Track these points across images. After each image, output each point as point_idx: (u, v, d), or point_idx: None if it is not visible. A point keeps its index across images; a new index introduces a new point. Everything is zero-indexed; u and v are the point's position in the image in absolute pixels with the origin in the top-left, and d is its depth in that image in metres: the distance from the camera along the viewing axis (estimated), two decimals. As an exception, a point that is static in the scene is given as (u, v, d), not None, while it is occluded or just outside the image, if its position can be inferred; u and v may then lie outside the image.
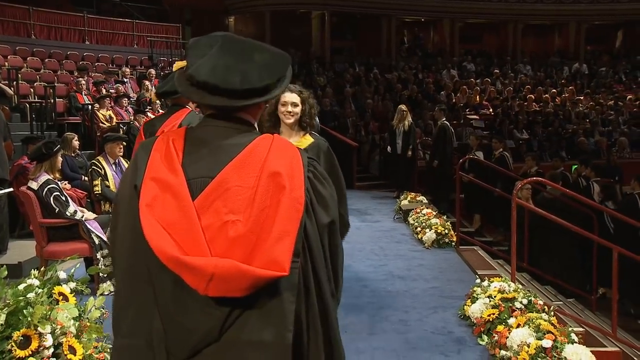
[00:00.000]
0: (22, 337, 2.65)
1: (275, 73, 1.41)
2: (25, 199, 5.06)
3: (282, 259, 1.28)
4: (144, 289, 1.34)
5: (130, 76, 13.78)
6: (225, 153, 1.37)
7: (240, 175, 1.33)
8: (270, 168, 1.34)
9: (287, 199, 1.32)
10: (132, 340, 1.36)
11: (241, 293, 1.27)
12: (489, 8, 22.47)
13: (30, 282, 2.99)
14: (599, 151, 13.92)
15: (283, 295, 1.32)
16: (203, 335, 1.30)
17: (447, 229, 6.97)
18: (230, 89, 1.35)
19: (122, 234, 1.41)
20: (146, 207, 1.31)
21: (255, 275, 1.26)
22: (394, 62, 20.49)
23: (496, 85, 18.67)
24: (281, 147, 1.39)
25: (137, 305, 1.36)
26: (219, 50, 1.38)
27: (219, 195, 1.32)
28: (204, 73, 1.35)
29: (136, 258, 1.35)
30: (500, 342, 3.66)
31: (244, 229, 1.29)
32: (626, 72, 21.25)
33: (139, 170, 1.38)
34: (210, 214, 1.31)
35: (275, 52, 1.45)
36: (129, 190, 1.40)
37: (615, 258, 4.61)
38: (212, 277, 1.25)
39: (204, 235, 1.29)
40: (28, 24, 14.83)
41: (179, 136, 1.42)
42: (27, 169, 6.50)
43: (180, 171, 1.35)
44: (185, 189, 1.32)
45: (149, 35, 16.99)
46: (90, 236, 4.91)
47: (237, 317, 1.31)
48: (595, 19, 23.30)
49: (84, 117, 10.62)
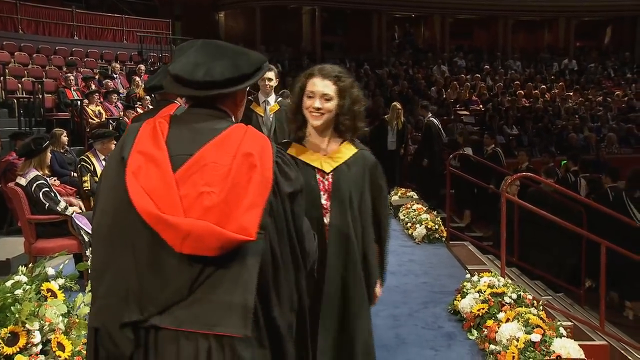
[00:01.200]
0: (9, 334, 2.64)
1: (238, 70, 1.59)
2: (13, 196, 5.01)
3: (250, 225, 1.44)
4: (122, 253, 1.48)
5: (120, 72, 13.69)
6: (204, 135, 1.55)
7: (217, 153, 1.50)
8: (244, 149, 1.51)
9: (258, 176, 1.49)
10: (108, 300, 1.48)
11: (212, 252, 1.42)
12: (479, 4, 22.53)
13: (18, 279, 2.96)
14: (588, 147, 14.01)
15: (249, 261, 1.47)
16: (174, 291, 1.44)
17: (438, 224, 7.00)
18: (194, 80, 1.54)
19: (105, 204, 1.55)
20: (132, 174, 1.48)
21: (226, 236, 1.41)
22: (385, 58, 20.51)
23: (486, 81, 18.74)
24: (254, 134, 1.57)
25: (114, 269, 1.49)
26: (194, 51, 1.60)
27: (197, 170, 1.49)
28: (177, 68, 1.57)
29: (116, 225, 1.50)
30: (489, 337, 3.69)
31: (218, 199, 1.45)
32: (615, 68, 21.41)
33: (127, 145, 1.55)
34: (188, 185, 1.47)
35: (248, 54, 1.64)
36: (115, 164, 1.55)
37: (603, 252, 4.65)
38: (188, 235, 1.40)
39: (182, 202, 1.45)
40: (15, 19, 14.66)
41: (165, 120, 1.60)
42: (15, 165, 6.45)
43: (164, 147, 1.52)
44: (167, 162, 1.49)
45: (138, 31, 16.88)
46: (80, 232, 4.88)
47: (207, 278, 1.45)
48: (584, 15, 23.44)
49: (73, 113, 10.55)
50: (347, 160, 2.34)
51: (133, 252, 1.47)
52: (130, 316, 1.45)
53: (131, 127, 1.63)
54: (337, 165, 2.35)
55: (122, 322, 1.45)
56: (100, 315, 1.51)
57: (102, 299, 1.51)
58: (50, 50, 14.40)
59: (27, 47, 13.96)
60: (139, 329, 1.46)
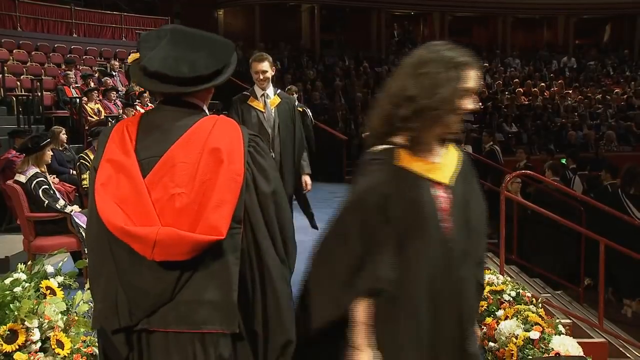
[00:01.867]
0: (8, 332, 2.63)
1: (220, 61, 1.55)
2: (12, 193, 5.01)
3: (219, 224, 1.44)
4: (107, 261, 1.51)
5: (119, 69, 13.66)
6: (173, 134, 1.52)
7: (185, 152, 1.48)
8: (211, 144, 1.48)
9: (225, 172, 1.47)
10: (104, 304, 1.52)
11: (184, 257, 1.43)
12: (478, 1, 22.53)
13: (17, 276, 2.96)
14: (587, 144, 14.01)
15: (227, 258, 1.48)
16: (157, 296, 1.47)
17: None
18: (180, 77, 1.49)
19: (92, 215, 1.56)
20: (101, 186, 1.48)
21: (193, 240, 1.43)
22: (384, 56, 20.50)
23: (485, 79, 18.72)
24: (223, 125, 1.54)
25: (106, 275, 1.52)
26: (168, 43, 1.53)
27: (166, 172, 1.47)
28: (156, 64, 1.49)
29: (100, 234, 1.51)
30: (488, 334, 3.69)
31: (188, 200, 1.45)
32: (614, 66, 21.39)
33: (98, 154, 1.55)
34: (159, 188, 1.47)
35: (219, 41, 1.61)
36: (93, 172, 1.56)
37: (602, 250, 4.66)
38: (155, 244, 1.42)
39: (155, 207, 1.45)
40: (14, 16, 14.61)
41: (134, 122, 1.57)
42: (14, 162, 6.44)
43: (132, 153, 1.50)
44: (137, 168, 1.48)
45: (137, 28, 16.83)
46: (79, 230, 4.87)
47: (188, 280, 1.47)
48: (583, 13, 23.41)
49: (72, 111, 10.53)
50: (455, 175, 1.82)
51: (114, 260, 1.49)
52: (121, 322, 1.48)
53: (103, 132, 1.61)
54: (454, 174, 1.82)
55: (113, 328, 1.49)
56: (99, 319, 1.55)
57: (99, 302, 1.55)
58: (49, 47, 14.36)
59: (25, 44, 13.92)
60: (131, 332, 1.50)
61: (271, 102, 4.28)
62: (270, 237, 1.55)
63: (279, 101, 4.30)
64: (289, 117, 4.29)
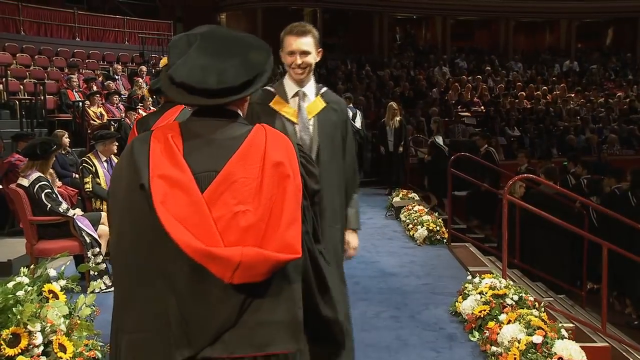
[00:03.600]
0: (11, 335, 2.64)
1: (252, 70, 1.44)
2: (15, 197, 5.02)
3: (294, 242, 1.37)
4: (150, 282, 1.38)
5: (122, 73, 13.70)
6: (226, 147, 1.42)
7: (244, 167, 1.40)
8: (272, 158, 1.41)
9: (292, 187, 1.40)
10: (141, 334, 1.39)
11: (262, 277, 1.36)
12: (480, 5, 22.54)
13: (19, 280, 2.96)
14: (590, 148, 13.99)
15: (291, 276, 1.42)
16: (222, 322, 1.37)
17: (439, 225, 6.99)
18: (207, 88, 1.39)
19: (121, 231, 1.44)
20: (161, 204, 1.35)
21: (276, 260, 1.35)
22: (386, 59, 20.51)
23: (488, 82, 18.72)
24: (274, 137, 1.46)
25: (142, 299, 1.39)
26: (196, 50, 1.42)
27: (226, 188, 1.38)
28: (182, 74, 1.40)
29: (139, 253, 1.39)
30: (491, 338, 3.68)
31: (255, 218, 1.37)
32: (616, 69, 21.38)
33: (141, 168, 1.39)
34: (219, 206, 1.37)
35: (254, 44, 1.48)
36: (126, 189, 1.42)
37: (605, 254, 4.64)
38: (239, 266, 1.33)
39: (216, 226, 1.36)
40: (17, 20, 14.69)
41: (175, 131, 1.45)
42: (17, 166, 6.45)
43: (185, 166, 1.39)
44: (194, 184, 1.38)
45: (140, 32, 16.90)
46: (81, 234, 4.88)
47: (252, 301, 1.39)
48: (585, 16, 23.42)
49: (74, 114, 10.56)
50: None
51: (170, 283, 1.36)
52: (182, 353, 1.36)
53: (138, 140, 1.46)
54: None
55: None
56: (135, 352, 1.41)
57: (133, 332, 1.40)
58: (52, 51, 14.43)
59: (29, 48, 13.98)
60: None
61: (309, 107, 2.70)
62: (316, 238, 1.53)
63: (323, 107, 2.72)
64: (336, 133, 2.72)
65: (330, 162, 2.65)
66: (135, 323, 1.40)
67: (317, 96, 2.74)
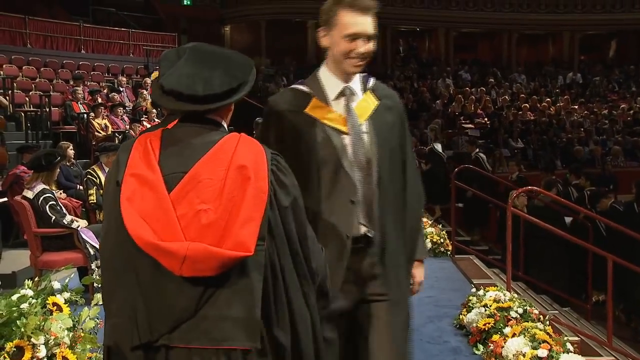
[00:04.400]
0: (15, 349, 2.63)
1: (236, 79, 1.56)
2: (19, 209, 5.04)
3: (247, 240, 1.44)
4: (126, 275, 1.50)
5: (127, 85, 13.78)
6: (197, 150, 1.53)
7: (210, 168, 1.49)
8: (237, 162, 1.50)
9: (252, 189, 1.48)
10: (119, 319, 1.51)
11: (212, 272, 1.43)
12: (483, 18, 22.63)
13: (24, 293, 2.97)
14: (594, 160, 13.98)
15: (251, 274, 1.48)
16: (181, 311, 1.46)
17: (443, 238, 6.98)
18: (193, 95, 1.51)
19: (107, 226, 1.57)
20: (126, 200, 1.48)
21: (223, 256, 1.42)
22: (390, 71, 20.59)
23: (491, 95, 18.76)
24: (247, 143, 1.55)
25: (122, 289, 1.51)
26: (186, 61, 1.56)
27: (192, 188, 1.48)
28: (172, 82, 1.53)
29: (118, 247, 1.51)
30: (495, 352, 3.66)
31: (214, 216, 1.45)
32: (619, 81, 21.40)
33: (120, 167, 1.54)
34: (184, 204, 1.47)
35: (238, 59, 1.62)
36: (112, 187, 1.56)
37: (610, 266, 4.63)
38: (185, 259, 1.41)
39: (179, 223, 1.45)
40: (24, 33, 14.81)
41: (156, 136, 1.58)
42: (22, 178, 6.48)
43: (156, 168, 1.51)
44: (162, 184, 1.49)
45: (145, 44, 17.01)
46: (85, 246, 4.89)
47: (211, 295, 1.46)
48: (588, 29, 23.49)
49: (79, 126, 10.61)
50: None
51: (136, 275, 1.48)
52: (141, 337, 1.48)
53: (123, 146, 1.62)
54: None
55: (132, 344, 1.48)
56: (113, 334, 1.54)
57: (114, 317, 1.53)
58: (58, 64, 14.53)
59: (34, 61, 14.09)
60: (150, 348, 1.49)
61: (359, 108, 2.01)
62: (290, 252, 1.57)
63: (376, 106, 2.04)
64: (394, 139, 2.07)
65: (391, 179, 2.03)
66: (117, 308, 1.52)
67: (366, 92, 2.04)
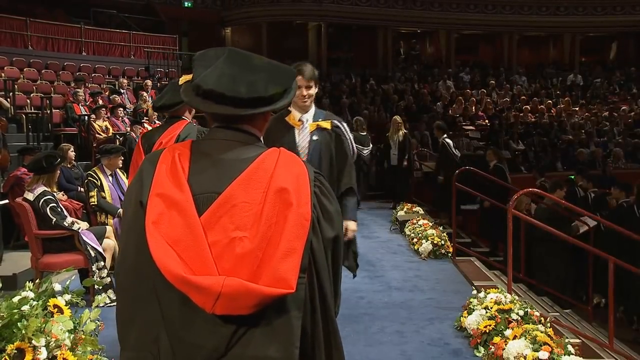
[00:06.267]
0: (15, 350, 2.63)
1: (281, 84, 1.41)
2: (20, 210, 5.04)
3: (288, 276, 1.28)
4: (148, 304, 1.34)
5: (127, 87, 13.79)
6: (232, 168, 1.36)
7: (247, 191, 1.33)
8: (277, 184, 1.33)
9: (294, 216, 1.31)
10: (140, 354, 1.36)
11: (248, 311, 1.28)
12: (484, 20, 22.65)
13: (25, 295, 2.96)
14: (595, 162, 13.97)
15: (289, 311, 1.33)
16: (210, 351, 1.31)
17: (444, 240, 6.97)
18: (237, 97, 1.35)
19: (125, 250, 1.41)
20: (152, 224, 1.31)
21: (262, 294, 1.26)
22: (390, 73, 20.60)
23: (492, 96, 18.76)
24: (288, 162, 1.39)
25: (141, 320, 1.36)
26: (225, 61, 1.39)
27: (225, 212, 1.31)
28: (211, 82, 1.36)
29: (139, 274, 1.35)
30: (496, 354, 3.65)
31: (251, 246, 1.29)
32: (620, 83, 21.40)
33: (145, 185, 1.37)
34: (217, 230, 1.30)
35: (281, 65, 1.48)
36: (133, 206, 1.40)
37: (611, 269, 4.62)
38: (220, 296, 1.25)
39: (211, 251, 1.29)
40: (25, 35, 14.84)
41: (185, 150, 1.41)
42: (23, 180, 6.48)
43: (186, 187, 1.34)
44: (192, 206, 1.32)
45: (145, 47, 17.03)
46: (86, 248, 4.89)
47: (244, 334, 1.31)
48: (589, 31, 23.50)
49: (80, 128, 10.62)
50: None
51: (160, 308, 1.33)
52: None
53: (148, 158, 1.45)
54: None
55: None
56: None
57: (131, 350, 1.39)
58: (59, 66, 14.55)
59: (36, 63, 14.11)
60: None
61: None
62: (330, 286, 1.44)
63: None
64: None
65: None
66: (135, 341, 1.38)
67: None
